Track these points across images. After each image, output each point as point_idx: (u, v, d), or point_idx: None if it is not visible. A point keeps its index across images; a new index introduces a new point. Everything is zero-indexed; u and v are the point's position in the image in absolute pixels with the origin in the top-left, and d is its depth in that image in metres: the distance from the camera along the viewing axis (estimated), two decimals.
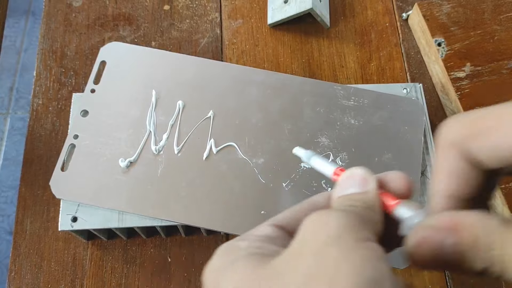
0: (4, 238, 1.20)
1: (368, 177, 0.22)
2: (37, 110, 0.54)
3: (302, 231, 0.19)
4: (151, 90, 0.48)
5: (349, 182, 0.22)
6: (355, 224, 0.18)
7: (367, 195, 0.21)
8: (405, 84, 0.51)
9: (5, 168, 1.28)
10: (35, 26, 1.49)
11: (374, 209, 0.21)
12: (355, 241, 0.17)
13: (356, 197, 0.21)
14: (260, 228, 0.22)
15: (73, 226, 0.43)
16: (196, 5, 0.61)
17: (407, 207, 0.21)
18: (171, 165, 0.45)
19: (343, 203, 0.21)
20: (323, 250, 0.17)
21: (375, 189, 0.22)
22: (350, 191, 0.22)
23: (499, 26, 0.55)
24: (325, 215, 0.19)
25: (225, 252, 0.20)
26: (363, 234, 0.18)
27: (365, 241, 0.18)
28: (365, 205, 0.21)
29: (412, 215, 0.20)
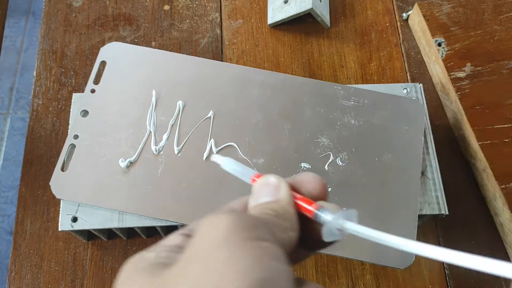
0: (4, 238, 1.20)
1: (280, 184, 0.22)
2: (37, 110, 0.54)
3: (195, 234, 0.18)
4: (151, 90, 0.48)
5: (263, 190, 0.22)
6: (246, 225, 0.18)
7: (279, 204, 0.21)
8: (405, 84, 0.51)
9: (5, 168, 1.28)
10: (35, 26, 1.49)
11: (286, 217, 0.21)
12: (244, 240, 0.17)
13: (268, 206, 0.21)
14: (170, 237, 0.21)
15: (73, 226, 0.43)
16: (196, 5, 0.61)
17: (326, 211, 0.21)
18: (171, 165, 0.45)
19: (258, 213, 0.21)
20: (210, 255, 0.16)
21: (286, 197, 0.22)
22: (263, 200, 0.22)
23: (499, 26, 0.55)
24: (216, 217, 0.18)
25: (131, 263, 0.20)
26: (255, 233, 0.17)
27: (256, 240, 0.17)
28: (276, 214, 0.20)
29: (332, 220, 0.20)
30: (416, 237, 0.42)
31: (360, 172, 0.45)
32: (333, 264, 0.47)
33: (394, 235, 0.19)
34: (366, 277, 0.47)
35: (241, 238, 0.17)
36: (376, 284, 0.47)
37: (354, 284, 0.46)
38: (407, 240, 0.18)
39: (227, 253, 0.16)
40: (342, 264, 0.47)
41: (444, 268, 0.48)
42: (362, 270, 0.47)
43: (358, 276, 0.47)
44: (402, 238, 0.19)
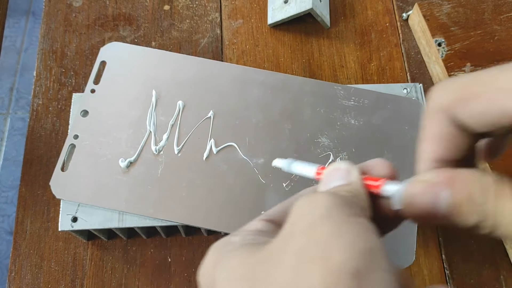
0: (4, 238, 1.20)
1: (351, 168, 0.22)
2: (37, 110, 0.54)
3: (292, 213, 0.19)
4: (151, 90, 0.48)
5: (333, 176, 0.22)
6: (344, 203, 0.18)
7: (351, 186, 0.22)
8: (405, 84, 0.51)
9: (5, 168, 1.28)
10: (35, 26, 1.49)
11: (360, 197, 0.21)
12: (347, 216, 0.17)
13: (341, 189, 0.21)
14: (252, 223, 0.22)
15: (73, 226, 0.43)
16: (196, 5, 0.61)
17: (392, 183, 0.21)
18: (171, 165, 0.45)
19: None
20: (314, 228, 0.17)
21: (358, 179, 0.22)
22: (334, 184, 0.22)
23: (499, 26, 0.55)
24: (314, 196, 0.19)
25: (219, 248, 0.20)
26: (353, 210, 0.18)
27: (355, 216, 0.18)
28: (351, 194, 0.21)
29: (399, 188, 0.21)
30: (416, 237, 0.42)
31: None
32: None
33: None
34: None
35: (342, 214, 0.18)
36: None
37: None
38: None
39: (332, 227, 0.17)
40: None
41: (444, 268, 0.48)
42: None
43: None
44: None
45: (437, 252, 0.48)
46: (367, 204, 0.21)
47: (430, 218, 0.19)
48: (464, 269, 0.48)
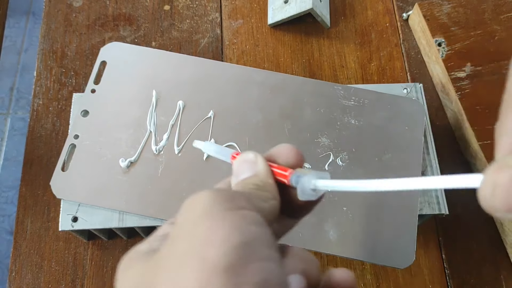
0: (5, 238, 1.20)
1: (257, 158, 0.23)
2: (38, 110, 0.54)
3: (178, 214, 0.19)
4: (152, 90, 0.48)
5: (241, 167, 0.23)
6: (225, 198, 0.18)
7: (258, 177, 0.22)
8: (406, 84, 0.51)
9: (6, 168, 1.28)
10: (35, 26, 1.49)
11: (266, 188, 0.22)
12: (223, 210, 0.17)
13: (249, 181, 0.22)
14: (161, 227, 0.22)
15: (74, 226, 0.43)
16: (197, 5, 0.61)
17: (299, 173, 0.22)
18: (171, 165, 0.45)
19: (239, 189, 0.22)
20: (193, 227, 0.17)
21: (264, 169, 0.23)
22: (243, 176, 0.23)
23: (499, 26, 0.55)
24: (197, 195, 0.19)
25: (128, 257, 0.20)
26: (235, 204, 0.18)
27: (236, 209, 0.18)
28: (256, 187, 0.21)
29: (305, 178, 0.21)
30: (416, 237, 0.42)
31: (360, 172, 0.45)
32: (333, 264, 0.47)
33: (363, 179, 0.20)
34: (367, 277, 0.47)
35: (220, 209, 0.18)
36: (376, 284, 0.47)
37: None
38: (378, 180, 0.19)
39: (208, 224, 0.17)
40: (342, 264, 0.47)
41: (445, 268, 0.48)
42: (362, 270, 0.47)
43: (358, 276, 0.47)
44: (372, 180, 0.20)
45: (437, 252, 0.48)
46: (273, 193, 0.22)
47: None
48: (464, 269, 0.48)
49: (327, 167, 0.45)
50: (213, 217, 0.17)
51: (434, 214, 0.45)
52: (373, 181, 0.19)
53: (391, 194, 0.43)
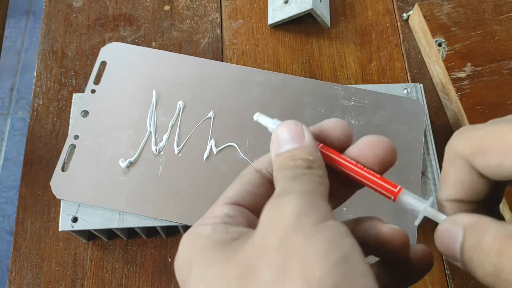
0: (5, 239, 1.20)
1: (302, 128, 0.21)
2: (38, 110, 0.54)
3: (261, 221, 0.18)
4: (152, 91, 0.48)
5: (282, 138, 0.21)
6: (309, 205, 0.18)
7: (306, 149, 0.21)
8: (406, 84, 0.51)
9: (6, 168, 1.28)
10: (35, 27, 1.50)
11: (317, 164, 0.20)
12: (315, 224, 0.17)
13: (296, 154, 0.20)
14: (217, 208, 0.21)
15: (74, 227, 0.43)
16: (197, 6, 0.61)
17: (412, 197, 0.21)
18: (171, 165, 0.45)
19: (285, 164, 0.20)
20: (287, 241, 0.17)
21: (311, 141, 0.21)
22: (286, 148, 0.21)
23: (499, 26, 0.55)
24: (279, 202, 0.18)
25: (189, 242, 0.20)
26: (320, 214, 0.18)
27: (324, 221, 0.17)
28: (307, 165, 0.20)
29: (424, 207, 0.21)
30: (416, 237, 0.42)
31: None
32: None
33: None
34: None
35: (312, 222, 0.17)
36: None
37: None
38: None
39: (304, 239, 0.17)
40: None
41: (445, 268, 0.48)
42: None
43: None
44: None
45: (437, 252, 0.48)
46: (324, 170, 0.21)
47: (452, 258, 0.20)
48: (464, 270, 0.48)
49: None
50: (306, 231, 0.17)
51: None
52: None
53: None
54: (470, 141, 0.20)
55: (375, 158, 0.22)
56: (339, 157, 0.21)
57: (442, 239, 0.20)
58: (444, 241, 0.20)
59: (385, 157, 0.22)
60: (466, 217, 0.19)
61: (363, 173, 0.21)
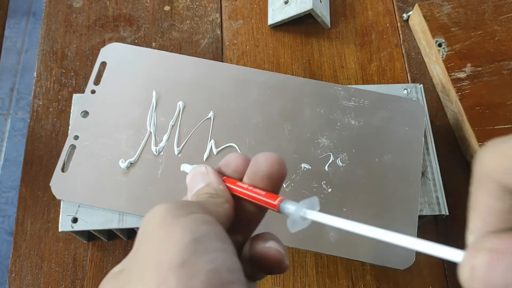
0: (5, 239, 1.20)
1: (207, 169, 0.25)
2: (38, 111, 0.54)
3: (139, 230, 0.20)
4: (152, 91, 0.48)
5: (194, 180, 0.25)
6: (178, 206, 0.20)
7: (210, 186, 0.24)
8: (406, 84, 0.51)
9: (6, 168, 1.28)
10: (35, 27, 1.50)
11: (219, 194, 0.23)
12: (177, 217, 0.19)
13: (202, 191, 0.24)
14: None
15: (74, 227, 0.43)
16: (197, 6, 0.61)
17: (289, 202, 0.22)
18: (171, 166, 0.45)
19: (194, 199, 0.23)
20: (151, 238, 0.19)
21: (214, 178, 0.24)
22: (196, 189, 0.24)
23: (499, 27, 0.55)
24: (153, 209, 0.20)
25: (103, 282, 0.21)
26: (186, 210, 0.20)
27: (188, 214, 0.19)
28: (210, 195, 0.23)
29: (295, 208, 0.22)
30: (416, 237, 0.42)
31: (361, 172, 0.45)
32: (334, 265, 0.47)
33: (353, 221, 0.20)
34: (367, 278, 0.47)
35: (173, 216, 0.19)
36: (377, 285, 0.47)
37: (354, 284, 0.46)
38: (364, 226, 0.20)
39: (163, 231, 0.19)
40: (343, 265, 0.47)
41: (445, 268, 0.48)
42: (362, 271, 0.47)
43: (358, 276, 0.47)
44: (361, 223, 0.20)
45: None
46: (226, 198, 0.23)
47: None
48: None
49: (327, 167, 0.45)
50: (167, 224, 0.19)
51: (434, 215, 0.45)
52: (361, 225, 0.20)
53: (392, 195, 0.43)
54: (503, 156, 0.16)
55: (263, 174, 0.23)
56: (233, 185, 0.24)
57: (487, 275, 0.15)
58: (491, 277, 0.15)
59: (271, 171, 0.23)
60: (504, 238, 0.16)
61: (250, 193, 0.23)
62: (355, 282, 0.47)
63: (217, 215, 0.21)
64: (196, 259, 0.17)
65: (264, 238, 0.23)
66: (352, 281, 0.47)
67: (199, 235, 0.18)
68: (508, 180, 0.16)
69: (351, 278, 0.47)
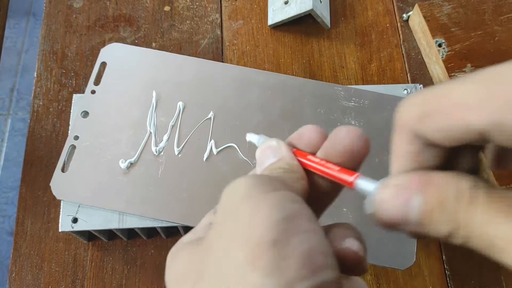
0: (5, 239, 1.20)
1: (279, 144, 0.23)
2: (38, 111, 0.54)
3: (220, 201, 0.20)
4: (152, 91, 0.48)
5: (264, 155, 0.23)
6: (263, 181, 0.19)
7: (283, 161, 0.22)
8: (406, 85, 0.51)
9: (6, 169, 1.28)
10: (36, 27, 1.50)
11: (293, 169, 0.22)
12: (264, 193, 0.18)
13: (274, 166, 0.22)
14: (204, 217, 0.23)
15: (74, 227, 0.43)
16: (197, 6, 0.61)
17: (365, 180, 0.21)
18: (171, 166, 0.45)
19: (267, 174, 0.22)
20: (236, 212, 0.18)
21: (287, 153, 0.23)
22: (267, 163, 0.23)
23: (499, 27, 0.55)
24: (236, 182, 0.20)
25: (173, 249, 0.21)
26: (272, 186, 0.19)
27: (273, 191, 0.18)
28: (283, 170, 0.22)
29: (375, 187, 0.20)
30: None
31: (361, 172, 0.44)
32: None
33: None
34: (367, 278, 0.47)
35: (260, 191, 0.18)
36: (377, 285, 0.47)
37: None
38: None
39: (251, 206, 0.18)
40: None
41: (445, 268, 0.48)
42: None
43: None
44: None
45: (437, 253, 0.48)
46: (301, 174, 0.22)
47: (402, 225, 0.18)
48: (465, 270, 0.48)
49: None
50: (254, 200, 0.18)
51: None
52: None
53: None
54: (415, 105, 0.18)
55: (343, 149, 0.22)
56: (304, 158, 0.23)
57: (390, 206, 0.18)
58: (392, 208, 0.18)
59: (353, 146, 0.22)
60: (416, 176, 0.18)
61: (322, 168, 0.22)
62: None
63: (297, 192, 0.20)
64: (289, 238, 0.16)
65: (342, 234, 0.20)
66: None
67: (289, 213, 0.17)
68: (416, 126, 0.18)
69: None
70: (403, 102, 0.19)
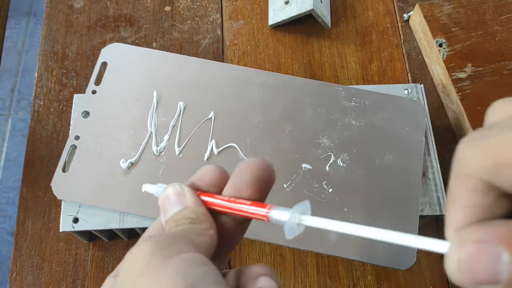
0: (6, 239, 1.20)
1: (183, 190, 0.22)
2: (39, 111, 0.54)
3: (121, 268, 0.19)
4: (152, 91, 0.48)
5: (167, 203, 0.22)
6: (164, 245, 0.18)
7: (188, 209, 0.21)
8: (406, 85, 0.51)
9: (7, 169, 1.29)
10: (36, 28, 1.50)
11: (200, 219, 0.21)
12: (164, 259, 0.17)
13: (180, 216, 0.21)
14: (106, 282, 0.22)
15: (74, 227, 0.43)
16: (197, 6, 0.61)
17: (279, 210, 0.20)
18: (172, 166, 0.45)
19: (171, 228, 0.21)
20: (137, 281, 0.17)
21: (193, 200, 0.21)
22: (172, 212, 0.22)
23: (500, 27, 0.55)
24: (135, 249, 0.19)
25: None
26: (174, 249, 0.18)
27: (176, 254, 0.17)
28: (190, 220, 0.21)
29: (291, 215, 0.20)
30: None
31: (361, 173, 0.45)
32: (334, 265, 0.47)
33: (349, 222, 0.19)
34: (367, 278, 0.47)
35: (161, 259, 0.17)
36: (377, 285, 0.47)
37: (355, 285, 0.46)
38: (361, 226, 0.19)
39: (151, 277, 0.17)
40: (343, 265, 0.47)
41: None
42: (363, 271, 0.47)
43: (359, 277, 0.47)
44: (356, 224, 0.19)
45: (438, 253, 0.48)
46: (209, 223, 0.21)
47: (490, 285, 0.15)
48: None
49: (328, 168, 0.45)
50: (155, 268, 0.17)
51: (435, 215, 0.45)
52: (359, 227, 0.19)
53: (392, 195, 0.43)
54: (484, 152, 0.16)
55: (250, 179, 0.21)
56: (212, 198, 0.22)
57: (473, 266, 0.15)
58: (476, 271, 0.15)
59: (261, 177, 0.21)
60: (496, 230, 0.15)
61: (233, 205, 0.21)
62: (355, 282, 0.47)
63: (204, 246, 0.19)
64: None
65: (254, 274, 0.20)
66: (353, 281, 0.47)
67: (192, 280, 0.16)
68: (492, 178, 0.16)
69: (352, 278, 0.47)
70: (465, 145, 0.17)
